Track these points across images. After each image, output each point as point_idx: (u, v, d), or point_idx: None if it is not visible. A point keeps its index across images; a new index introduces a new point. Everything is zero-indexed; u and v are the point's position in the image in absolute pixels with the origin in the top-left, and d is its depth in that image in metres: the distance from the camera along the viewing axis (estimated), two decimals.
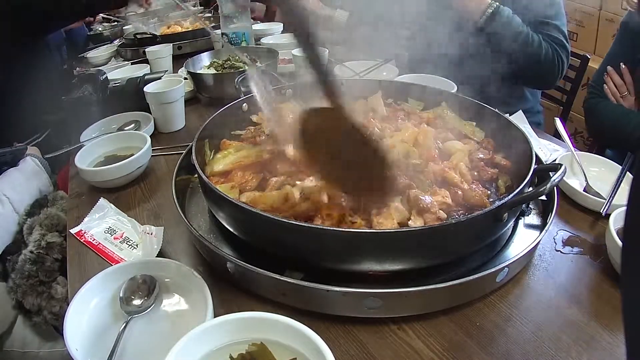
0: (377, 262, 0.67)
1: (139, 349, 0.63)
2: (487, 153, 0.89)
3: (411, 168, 0.78)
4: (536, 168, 0.75)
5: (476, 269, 0.67)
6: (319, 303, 0.66)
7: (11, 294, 1.11)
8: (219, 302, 0.66)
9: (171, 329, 0.66)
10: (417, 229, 0.67)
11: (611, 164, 1.02)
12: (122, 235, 0.86)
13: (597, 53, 2.23)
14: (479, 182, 0.81)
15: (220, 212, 0.75)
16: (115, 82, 1.47)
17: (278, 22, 2.13)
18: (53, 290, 1.11)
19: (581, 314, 0.68)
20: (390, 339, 0.64)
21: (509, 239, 0.80)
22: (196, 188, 0.92)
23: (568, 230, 0.86)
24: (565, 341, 0.63)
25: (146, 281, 0.70)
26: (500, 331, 0.65)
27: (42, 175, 1.25)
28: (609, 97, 1.37)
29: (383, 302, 0.64)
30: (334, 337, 0.65)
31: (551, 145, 1.14)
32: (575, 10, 2.36)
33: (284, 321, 0.54)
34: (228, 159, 0.85)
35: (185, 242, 0.84)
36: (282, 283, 0.66)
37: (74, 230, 0.87)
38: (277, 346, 0.54)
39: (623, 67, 1.33)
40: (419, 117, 1.01)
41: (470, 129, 0.97)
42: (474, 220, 0.65)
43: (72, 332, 0.62)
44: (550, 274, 0.75)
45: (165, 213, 0.93)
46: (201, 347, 0.53)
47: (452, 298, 0.68)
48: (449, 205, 0.73)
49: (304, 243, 0.66)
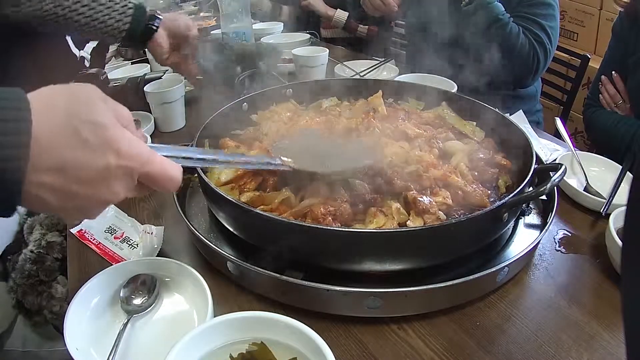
0: (378, 262, 0.67)
1: (139, 348, 0.63)
2: (487, 153, 0.89)
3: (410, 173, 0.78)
4: (536, 168, 0.75)
5: (476, 269, 0.67)
6: (319, 303, 0.66)
7: (11, 293, 1.11)
8: (219, 302, 0.66)
9: (171, 329, 0.66)
10: (417, 228, 0.67)
11: (611, 164, 1.02)
12: (123, 234, 0.86)
13: (597, 53, 2.23)
14: (480, 182, 0.81)
15: (221, 212, 0.76)
16: (115, 81, 1.47)
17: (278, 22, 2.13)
18: (53, 289, 1.11)
19: (581, 314, 0.68)
20: (390, 338, 0.65)
21: (509, 238, 0.80)
22: (196, 188, 0.92)
23: (568, 230, 0.86)
24: (565, 341, 0.63)
25: (146, 281, 0.70)
26: (500, 331, 0.65)
27: None
28: (605, 106, 1.38)
29: (383, 301, 0.64)
30: (334, 336, 0.65)
31: (551, 144, 1.14)
32: (576, 10, 2.36)
33: (284, 321, 0.54)
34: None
35: (185, 241, 0.84)
36: (282, 283, 0.66)
37: (74, 230, 0.87)
38: (277, 346, 0.54)
39: (615, 75, 1.34)
40: (419, 117, 1.01)
41: (471, 128, 0.97)
42: (474, 220, 0.65)
43: (72, 331, 0.62)
44: (551, 273, 0.75)
45: (166, 212, 0.93)
46: (201, 347, 0.53)
47: (453, 298, 0.68)
48: (450, 206, 0.73)
49: (304, 243, 0.66)
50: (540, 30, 1.41)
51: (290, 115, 1.02)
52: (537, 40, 1.40)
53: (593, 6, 2.29)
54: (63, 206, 0.41)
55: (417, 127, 0.93)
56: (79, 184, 0.40)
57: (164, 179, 0.45)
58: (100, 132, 0.40)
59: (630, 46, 1.30)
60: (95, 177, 0.41)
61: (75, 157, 0.40)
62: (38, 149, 0.38)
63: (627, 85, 1.33)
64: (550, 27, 1.42)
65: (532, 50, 1.40)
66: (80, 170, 0.40)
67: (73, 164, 0.40)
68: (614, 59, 1.37)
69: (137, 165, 0.43)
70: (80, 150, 0.40)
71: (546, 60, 1.44)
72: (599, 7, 2.27)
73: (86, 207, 0.43)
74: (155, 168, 0.45)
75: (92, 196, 0.42)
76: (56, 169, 0.39)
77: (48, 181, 0.39)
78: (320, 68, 1.47)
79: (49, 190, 0.39)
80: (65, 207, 0.42)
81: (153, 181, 0.45)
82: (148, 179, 0.45)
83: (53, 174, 0.39)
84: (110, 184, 0.42)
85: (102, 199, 0.43)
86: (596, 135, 1.44)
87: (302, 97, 1.10)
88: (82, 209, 0.43)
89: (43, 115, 0.38)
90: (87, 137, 0.40)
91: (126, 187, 0.43)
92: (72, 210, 0.43)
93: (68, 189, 0.40)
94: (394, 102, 1.10)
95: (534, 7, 1.43)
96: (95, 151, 0.40)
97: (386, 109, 1.02)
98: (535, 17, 1.41)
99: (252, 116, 1.04)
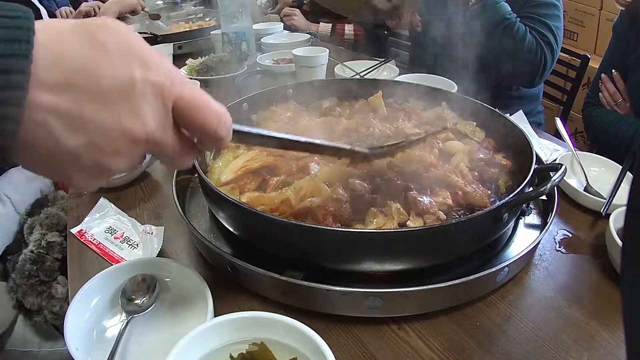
0: (378, 262, 0.67)
1: (139, 348, 0.63)
2: (487, 153, 0.89)
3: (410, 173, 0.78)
4: (536, 168, 0.75)
5: (476, 269, 0.67)
6: (319, 303, 0.66)
7: (12, 293, 1.12)
8: (219, 302, 0.66)
9: (171, 329, 0.66)
10: (418, 229, 0.67)
11: (611, 163, 1.02)
12: (123, 235, 0.86)
13: (597, 53, 2.23)
14: (480, 182, 0.81)
15: (221, 213, 0.76)
16: None
17: (278, 22, 2.13)
18: (53, 289, 1.11)
19: (581, 313, 0.68)
20: (390, 338, 0.65)
21: (509, 238, 0.80)
22: (196, 188, 0.92)
23: (568, 230, 0.86)
24: (566, 341, 0.63)
25: (146, 281, 0.70)
26: (500, 331, 0.65)
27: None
28: (604, 105, 1.38)
29: (383, 301, 0.64)
30: (334, 336, 0.65)
31: (551, 145, 1.14)
32: (576, 10, 2.36)
33: (285, 321, 0.54)
34: (232, 167, 0.84)
35: (185, 241, 0.84)
36: (283, 283, 0.66)
37: (74, 230, 0.87)
38: (277, 346, 0.54)
39: (615, 73, 1.34)
40: (419, 117, 1.01)
41: (471, 128, 0.97)
42: (474, 221, 0.65)
43: (73, 331, 0.62)
44: (551, 273, 0.75)
45: (166, 213, 0.93)
46: (201, 347, 0.53)
47: (453, 298, 0.68)
48: (450, 206, 0.73)
49: (304, 243, 0.66)
50: (546, 30, 1.42)
51: (291, 115, 1.02)
52: (544, 40, 1.41)
53: (593, 6, 2.29)
54: (72, 146, 0.30)
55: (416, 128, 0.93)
56: (93, 102, 0.30)
57: (208, 110, 0.34)
58: (122, 37, 0.31)
59: (630, 46, 1.30)
60: (114, 93, 0.30)
61: (89, 65, 0.30)
62: (42, 60, 0.28)
63: (626, 84, 1.33)
64: (555, 27, 1.43)
65: (539, 49, 1.41)
66: (95, 82, 0.30)
67: (85, 75, 0.30)
68: (614, 59, 1.37)
69: (169, 83, 0.33)
70: (96, 56, 0.30)
71: (553, 59, 1.45)
72: (599, 7, 2.27)
73: (103, 146, 0.31)
74: (194, 92, 0.34)
75: (111, 124, 0.31)
76: (65, 83, 0.29)
77: (54, 102, 0.29)
78: (320, 68, 1.47)
79: (55, 116, 0.29)
80: (75, 146, 0.30)
81: (193, 113, 0.34)
82: (185, 108, 0.33)
83: (61, 90, 0.29)
84: (135, 105, 0.31)
85: (124, 129, 0.31)
86: (595, 134, 1.44)
87: (302, 97, 1.10)
88: (97, 149, 0.31)
89: (48, 25, 0.30)
90: (105, 40, 0.31)
91: (156, 115, 0.32)
92: (84, 154, 0.31)
93: (79, 111, 0.30)
94: (394, 102, 1.10)
95: (539, 7, 1.44)
96: (116, 58, 0.31)
97: (386, 109, 1.02)
98: (541, 17, 1.42)
99: (252, 116, 1.04)
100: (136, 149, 0.33)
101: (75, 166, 0.32)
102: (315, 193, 0.72)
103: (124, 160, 0.32)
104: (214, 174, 0.82)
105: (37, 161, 0.31)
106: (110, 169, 0.33)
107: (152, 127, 0.32)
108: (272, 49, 1.78)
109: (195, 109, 0.34)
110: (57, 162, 0.31)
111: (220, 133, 0.35)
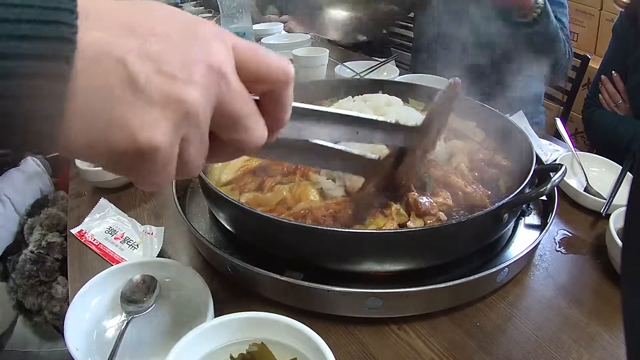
0: (378, 263, 0.67)
1: (139, 349, 0.63)
2: (487, 153, 0.89)
3: None
4: (537, 168, 0.75)
5: (476, 269, 0.67)
6: (320, 303, 0.66)
7: (12, 293, 1.12)
8: (219, 302, 0.66)
9: (172, 329, 0.66)
10: (418, 229, 0.67)
11: (611, 164, 1.02)
12: (123, 235, 0.86)
13: (597, 53, 2.23)
14: (480, 182, 0.81)
15: (221, 213, 0.76)
16: None
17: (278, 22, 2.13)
18: (53, 290, 1.11)
19: (581, 314, 0.68)
20: (390, 339, 0.65)
21: (510, 239, 0.80)
22: (197, 188, 0.92)
23: (568, 230, 0.86)
24: (566, 341, 0.63)
25: (146, 281, 0.70)
26: (500, 331, 0.65)
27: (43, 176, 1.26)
28: (604, 106, 1.38)
29: (383, 302, 0.64)
30: (335, 337, 0.65)
31: (551, 145, 1.14)
32: (576, 11, 2.36)
33: (285, 321, 0.54)
34: (232, 166, 0.84)
35: (185, 242, 0.84)
36: (283, 283, 0.66)
37: (74, 230, 0.87)
38: (277, 346, 0.54)
39: (615, 74, 1.34)
40: None
41: (471, 129, 0.97)
42: (475, 221, 0.65)
43: (73, 332, 0.62)
44: (551, 274, 0.75)
45: (166, 213, 0.93)
46: (202, 347, 0.53)
47: (453, 298, 0.68)
48: (450, 207, 0.73)
49: (304, 243, 0.66)
50: (564, 27, 1.43)
51: None
52: (566, 35, 1.42)
53: (593, 6, 2.29)
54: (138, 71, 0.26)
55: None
56: (156, 37, 0.27)
57: (266, 55, 0.33)
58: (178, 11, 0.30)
59: (630, 46, 1.30)
60: (182, 28, 0.29)
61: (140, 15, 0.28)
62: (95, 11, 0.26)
63: (626, 85, 1.33)
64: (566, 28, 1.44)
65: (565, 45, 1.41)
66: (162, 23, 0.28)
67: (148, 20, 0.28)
68: (614, 59, 1.37)
69: (229, 37, 0.31)
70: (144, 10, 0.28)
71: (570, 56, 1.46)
72: (599, 7, 2.27)
73: (174, 73, 0.27)
74: (253, 45, 0.33)
75: (186, 52, 0.28)
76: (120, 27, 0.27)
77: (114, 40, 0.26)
78: (321, 69, 1.47)
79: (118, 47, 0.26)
80: (141, 72, 0.26)
81: (252, 53, 0.32)
82: (249, 56, 0.32)
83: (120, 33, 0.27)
84: (197, 41, 0.29)
85: (198, 58, 0.28)
86: (595, 135, 1.45)
87: (302, 98, 1.09)
88: (167, 76, 0.27)
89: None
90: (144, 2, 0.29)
91: (222, 49, 0.30)
92: (153, 83, 0.27)
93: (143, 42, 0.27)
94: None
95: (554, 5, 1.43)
96: (177, 14, 0.30)
97: None
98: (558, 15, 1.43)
99: None
100: (209, 79, 0.29)
101: (141, 105, 0.27)
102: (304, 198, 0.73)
103: (197, 89, 0.28)
104: (214, 174, 0.83)
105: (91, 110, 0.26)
106: (184, 99, 0.28)
107: (223, 57, 0.30)
108: (273, 49, 1.78)
109: (254, 53, 0.32)
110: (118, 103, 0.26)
111: (288, 68, 0.33)
